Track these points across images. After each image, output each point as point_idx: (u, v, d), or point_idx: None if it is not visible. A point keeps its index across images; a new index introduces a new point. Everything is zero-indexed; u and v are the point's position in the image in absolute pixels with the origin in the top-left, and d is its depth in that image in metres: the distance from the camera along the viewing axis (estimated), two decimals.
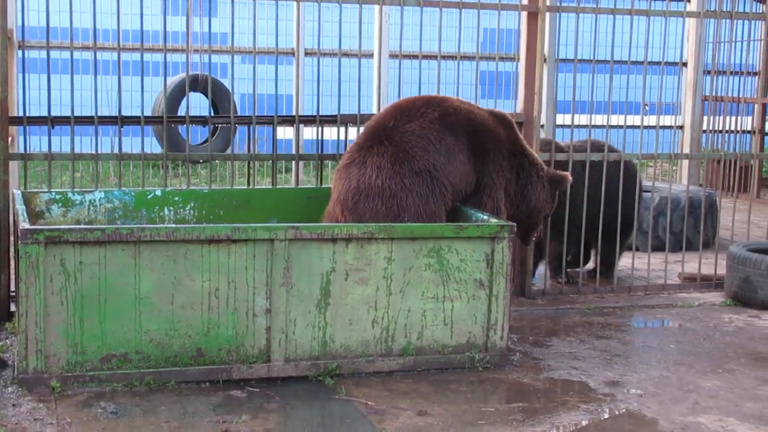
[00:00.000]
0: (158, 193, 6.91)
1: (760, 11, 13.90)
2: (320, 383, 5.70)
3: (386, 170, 6.45)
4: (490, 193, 6.77)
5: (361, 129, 6.95)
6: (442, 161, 6.53)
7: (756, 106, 14.19)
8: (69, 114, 7.16)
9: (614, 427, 5.25)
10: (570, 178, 7.19)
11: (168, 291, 5.51)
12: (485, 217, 6.31)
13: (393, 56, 10.26)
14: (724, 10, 8.70)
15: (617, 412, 5.44)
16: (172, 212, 6.88)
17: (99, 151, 7.31)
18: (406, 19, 7.89)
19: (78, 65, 8.02)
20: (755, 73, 14.56)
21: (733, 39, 8.97)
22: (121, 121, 7.33)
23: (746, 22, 11.58)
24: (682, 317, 7.50)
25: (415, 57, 8.41)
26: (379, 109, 8.47)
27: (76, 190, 6.88)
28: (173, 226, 5.74)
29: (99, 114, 7.28)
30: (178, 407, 5.28)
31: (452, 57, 8.20)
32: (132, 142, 9.53)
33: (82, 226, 5.74)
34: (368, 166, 6.50)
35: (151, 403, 5.31)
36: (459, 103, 6.84)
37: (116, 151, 7.39)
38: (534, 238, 7.41)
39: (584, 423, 5.27)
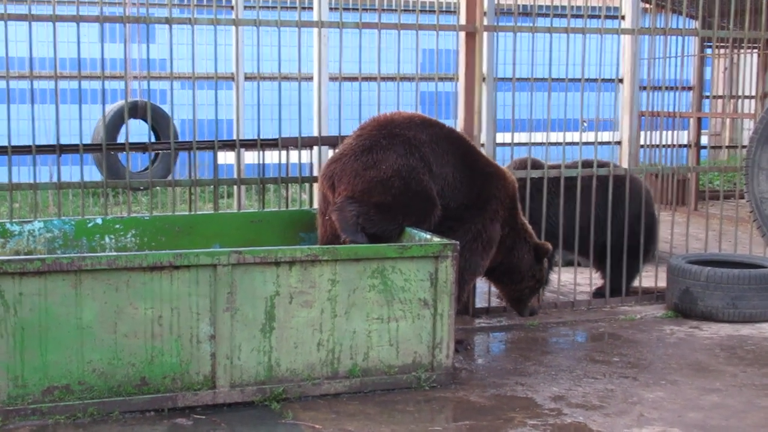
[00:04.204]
0: (99, 221, 6.86)
1: (693, 27, 14.15)
2: (267, 408, 5.68)
3: (363, 135, 6.58)
4: (488, 222, 6.86)
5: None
6: (434, 159, 6.63)
7: (691, 120, 14.42)
8: (6, 144, 7.09)
9: None
10: (550, 247, 7.30)
11: (110, 320, 5.46)
12: (428, 237, 6.34)
13: (333, 79, 10.27)
14: (658, 26, 8.84)
15: (563, 427, 5.48)
16: (113, 240, 6.82)
17: (37, 181, 7.24)
18: (345, 41, 7.91)
19: (15, 94, 7.93)
20: (690, 88, 14.80)
21: (667, 55, 9.10)
22: (59, 149, 7.27)
23: (680, 38, 11.79)
24: (624, 330, 7.59)
25: (355, 79, 8.45)
26: (320, 132, 8.49)
27: (14, 220, 6.80)
28: (114, 254, 5.69)
29: (37, 143, 7.21)
30: None
31: (392, 78, 8.25)
32: (71, 171, 9.45)
33: (21, 257, 5.67)
34: (348, 139, 6.72)
35: None
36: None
37: (55, 180, 7.31)
38: (529, 313, 7.45)
39: None
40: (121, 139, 11.34)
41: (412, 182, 6.48)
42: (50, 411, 5.37)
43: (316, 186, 9.26)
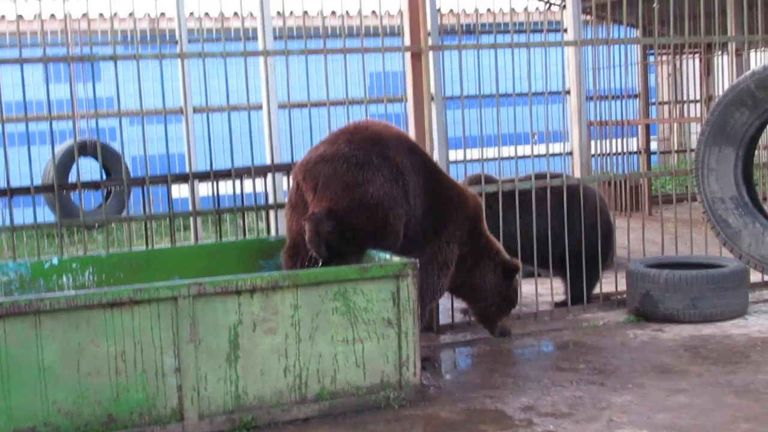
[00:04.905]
0: (55, 261, 6.79)
1: (634, 36, 14.35)
2: None
3: (356, 144, 6.50)
4: (444, 245, 6.86)
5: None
6: (411, 190, 6.65)
7: (639, 127, 14.59)
8: None
9: None
10: (519, 264, 7.29)
11: (73, 359, 5.40)
12: (387, 257, 6.34)
13: (282, 106, 10.28)
14: (600, 37, 8.95)
15: None
16: (70, 279, 6.76)
17: None
18: (292, 68, 7.93)
19: None
20: (636, 96, 14.99)
21: (611, 64, 9.22)
22: (10, 192, 7.20)
23: (622, 47, 11.95)
24: (589, 337, 7.63)
25: (304, 105, 8.46)
26: (272, 159, 8.48)
27: None
28: (73, 293, 5.62)
29: None
30: None
31: (341, 102, 8.26)
32: (24, 213, 9.37)
33: None
34: (339, 142, 6.56)
35: None
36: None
37: (8, 223, 7.23)
38: (500, 333, 7.42)
39: None
40: (72, 178, 11.26)
41: (390, 215, 6.46)
42: None
43: (272, 214, 9.29)
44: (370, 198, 6.38)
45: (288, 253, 6.66)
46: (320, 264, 6.29)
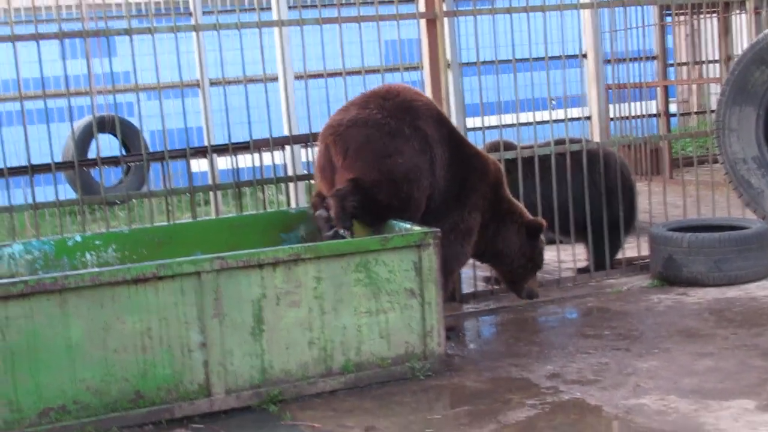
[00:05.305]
0: (78, 239, 6.80)
1: None
2: (264, 411, 5.65)
3: (389, 111, 6.48)
4: (466, 214, 6.85)
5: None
6: (438, 162, 6.63)
7: (658, 89, 14.47)
8: None
9: (560, 418, 5.30)
10: (542, 222, 7.28)
11: (99, 336, 5.42)
12: (408, 226, 6.33)
13: (298, 77, 10.23)
14: None
15: (561, 404, 5.49)
16: (94, 257, 6.77)
17: (12, 204, 7.17)
18: (307, 38, 7.88)
19: None
20: (653, 58, 14.86)
21: (628, 26, 9.13)
22: (31, 169, 7.21)
23: (639, 8, 11.83)
24: (613, 303, 7.61)
25: (320, 76, 8.41)
26: (290, 131, 8.46)
27: None
28: (97, 270, 5.65)
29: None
30: None
31: (357, 72, 8.21)
32: (45, 191, 9.37)
33: (4, 281, 5.61)
34: (371, 106, 6.52)
35: None
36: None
37: (30, 201, 7.25)
38: (527, 295, 7.44)
39: (531, 418, 5.31)
40: (90, 155, 11.27)
41: (415, 189, 6.47)
42: None
43: (292, 186, 9.28)
44: (398, 171, 6.37)
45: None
46: (349, 236, 6.29)
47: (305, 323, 5.82)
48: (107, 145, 11.28)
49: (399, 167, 6.39)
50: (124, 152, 10.66)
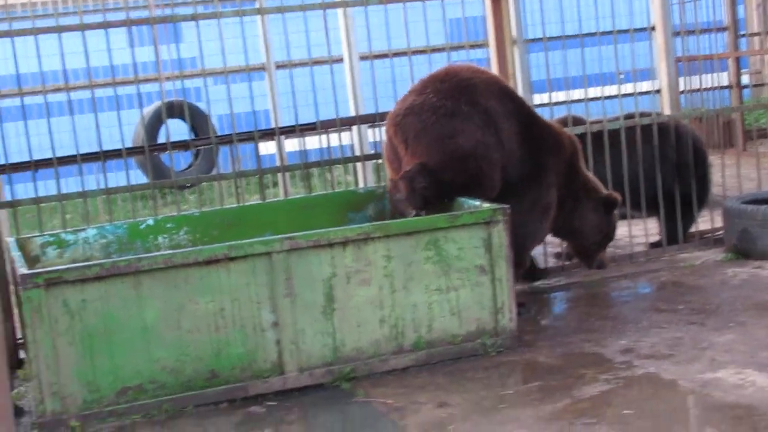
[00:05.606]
0: (150, 222, 6.89)
1: None
2: (337, 388, 5.69)
3: (444, 93, 6.47)
4: (544, 190, 6.84)
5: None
6: (505, 135, 6.61)
7: (729, 60, 14.21)
8: (51, 156, 7.15)
9: (634, 392, 5.25)
10: (618, 196, 7.26)
11: (173, 317, 5.50)
12: (477, 203, 6.30)
13: (363, 58, 10.24)
14: None
15: (636, 378, 5.43)
16: (166, 239, 6.86)
17: (85, 189, 7.29)
18: (371, 19, 7.87)
19: (51, 108, 8.00)
20: (724, 29, 14.58)
21: None
22: (103, 155, 7.32)
23: None
24: (686, 277, 7.50)
25: (386, 56, 8.40)
26: (357, 111, 8.47)
27: (68, 230, 6.85)
28: (170, 252, 5.72)
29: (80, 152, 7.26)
30: (200, 430, 5.27)
31: (422, 51, 8.18)
32: (117, 177, 9.51)
33: (80, 264, 5.70)
34: (427, 91, 6.54)
35: (173, 430, 5.29)
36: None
37: (102, 186, 7.36)
38: (596, 266, 7.47)
39: (605, 393, 5.27)
40: (160, 140, 11.40)
41: (484, 164, 6.46)
42: (126, 411, 5.42)
43: (359, 166, 9.30)
44: (462, 150, 6.35)
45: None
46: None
47: (376, 301, 5.84)
48: (176, 130, 11.39)
49: (462, 145, 6.38)
50: (193, 137, 10.77)
